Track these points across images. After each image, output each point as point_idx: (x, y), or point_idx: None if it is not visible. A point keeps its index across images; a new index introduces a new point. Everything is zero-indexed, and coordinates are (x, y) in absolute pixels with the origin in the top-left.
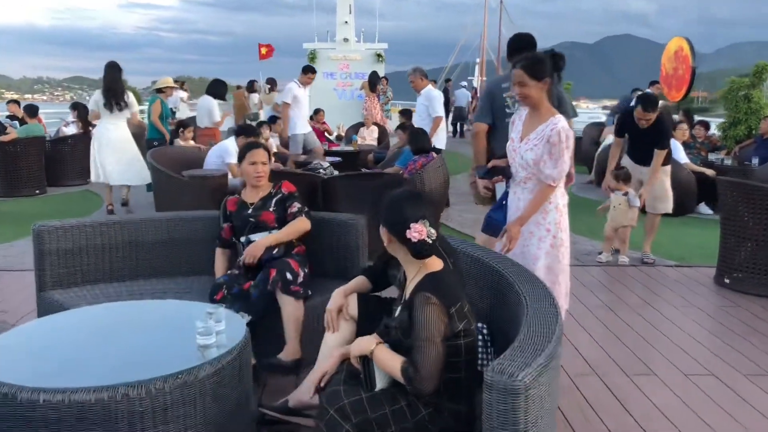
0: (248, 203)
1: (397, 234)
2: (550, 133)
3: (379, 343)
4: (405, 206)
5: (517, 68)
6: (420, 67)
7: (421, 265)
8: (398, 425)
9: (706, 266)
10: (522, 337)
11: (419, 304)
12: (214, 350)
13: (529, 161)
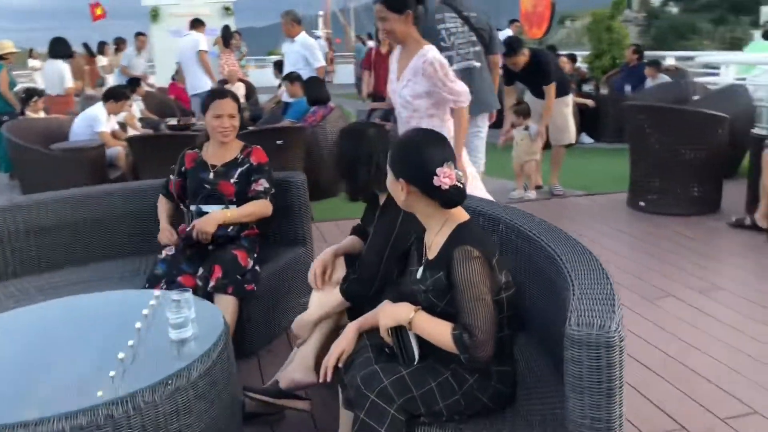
0: (209, 164)
1: (421, 184)
2: (423, 66)
3: (418, 309)
4: (426, 149)
5: (377, 3)
6: (293, 10)
7: (447, 216)
8: (446, 399)
9: (615, 192)
10: (580, 292)
11: (461, 259)
12: (193, 344)
13: (408, 98)
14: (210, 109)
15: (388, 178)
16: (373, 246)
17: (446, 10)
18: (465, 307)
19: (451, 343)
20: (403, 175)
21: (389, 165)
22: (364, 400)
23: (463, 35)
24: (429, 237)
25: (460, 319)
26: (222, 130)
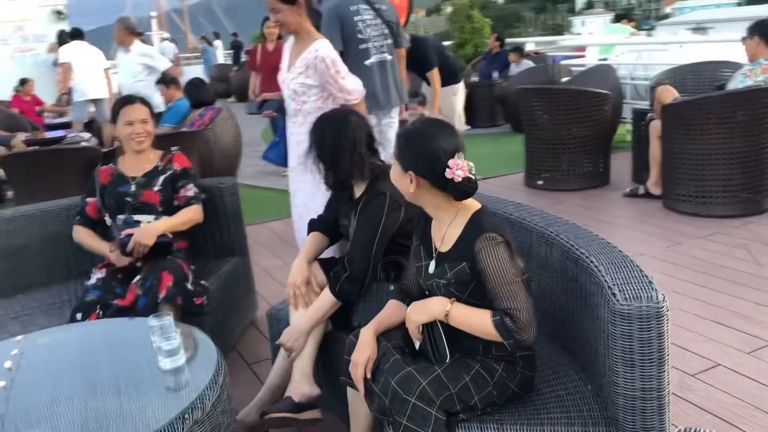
0: (128, 177)
1: (432, 176)
2: (314, 62)
3: (452, 300)
4: (436, 140)
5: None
6: (127, 18)
7: (459, 207)
8: (480, 392)
9: (509, 174)
10: (606, 271)
11: (487, 247)
12: (187, 373)
13: (297, 90)
14: (120, 117)
15: (393, 170)
16: (361, 241)
17: (359, 2)
18: (500, 293)
19: (493, 330)
20: (412, 168)
21: (395, 157)
22: (404, 405)
23: (376, 28)
24: (439, 229)
25: (498, 306)
26: (136, 137)
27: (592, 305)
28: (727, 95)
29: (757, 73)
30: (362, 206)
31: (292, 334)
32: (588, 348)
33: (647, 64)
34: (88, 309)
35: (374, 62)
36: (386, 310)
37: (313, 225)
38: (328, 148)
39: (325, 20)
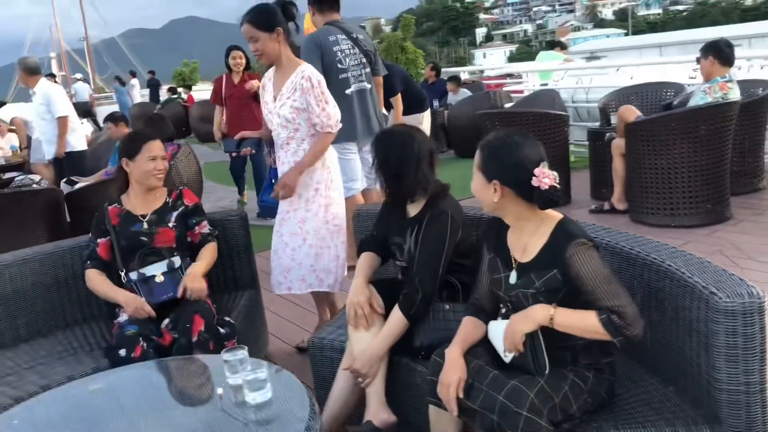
0: (137, 215)
1: (517, 185)
2: (301, 82)
3: (555, 305)
4: (521, 149)
5: (244, 24)
6: (27, 59)
7: (543, 216)
8: (578, 400)
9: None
10: (687, 268)
11: (581, 251)
12: (274, 407)
13: (288, 116)
14: (142, 151)
15: (475, 181)
16: (428, 260)
17: (337, 32)
18: (602, 294)
19: (601, 328)
20: (498, 177)
21: (477, 168)
22: (517, 419)
23: (355, 57)
24: (518, 240)
25: (602, 304)
26: (158, 173)
27: (675, 308)
28: (690, 111)
29: (715, 90)
30: (426, 224)
31: (366, 360)
32: (666, 351)
33: (589, 87)
34: (131, 343)
35: (354, 91)
36: (465, 328)
37: (364, 244)
38: (393, 163)
39: (304, 49)
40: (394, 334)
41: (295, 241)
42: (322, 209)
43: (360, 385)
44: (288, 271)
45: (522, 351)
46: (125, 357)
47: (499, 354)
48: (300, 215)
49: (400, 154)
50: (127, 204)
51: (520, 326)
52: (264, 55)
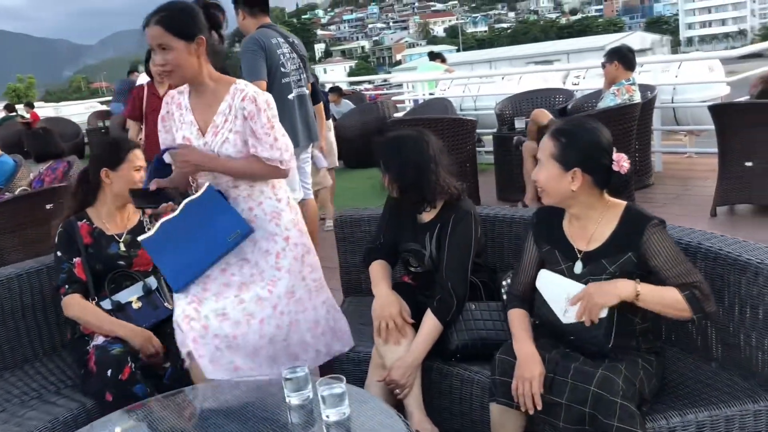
0: (112, 235)
1: (599, 170)
2: (242, 105)
3: (638, 280)
4: (601, 134)
5: (151, 25)
6: None
7: (607, 204)
8: (650, 384)
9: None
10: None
11: (658, 233)
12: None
13: (235, 155)
14: (127, 161)
15: (547, 172)
16: (458, 263)
17: (276, 35)
18: (679, 272)
19: (685, 304)
20: (579, 164)
21: (552, 157)
22: (612, 407)
23: (293, 61)
24: (583, 229)
25: (681, 281)
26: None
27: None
28: (603, 112)
29: (623, 92)
30: (453, 227)
31: (405, 369)
32: (703, 328)
33: (477, 96)
34: (119, 363)
35: (295, 96)
36: (523, 322)
37: (373, 252)
38: (412, 169)
39: (247, 50)
40: (430, 340)
41: (264, 310)
42: (297, 263)
43: (398, 396)
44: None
45: (596, 323)
46: (111, 377)
47: (552, 308)
48: (269, 274)
49: (419, 161)
50: (97, 221)
51: (604, 299)
52: (175, 71)
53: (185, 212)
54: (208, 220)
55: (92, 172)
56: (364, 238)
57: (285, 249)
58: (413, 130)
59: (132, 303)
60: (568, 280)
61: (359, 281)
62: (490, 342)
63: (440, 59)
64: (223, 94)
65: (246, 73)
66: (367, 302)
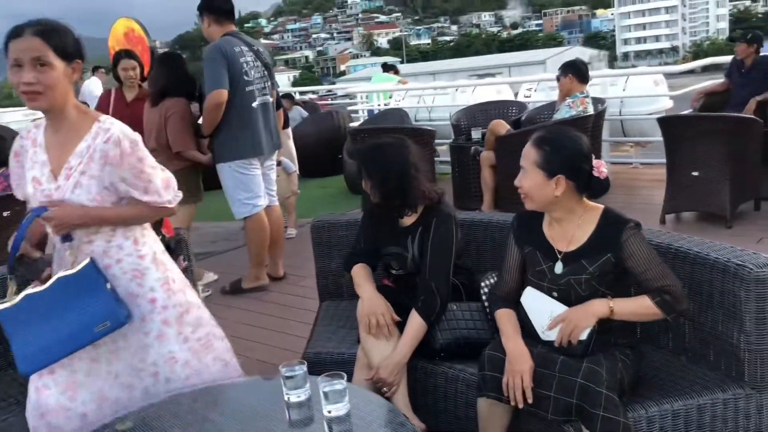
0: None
1: (579, 176)
2: (104, 147)
3: (611, 298)
4: (580, 142)
5: (26, 35)
6: None
7: (585, 207)
8: (629, 376)
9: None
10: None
11: (635, 235)
12: (356, 421)
13: (88, 203)
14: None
15: (531, 179)
16: (440, 265)
17: (240, 43)
18: (654, 274)
19: (656, 310)
20: (563, 171)
21: (536, 165)
22: (598, 397)
23: (258, 69)
24: (562, 231)
25: (652, 286)
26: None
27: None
28: (559, 124)
29: (577, 104)
30: (435, 230)
31: (392, 368)
32: (674, 325)
33: (432, 107)
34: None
35: (259, 104)
36: (510, 320)
37: (354, 257)
38: (395, 177)
39: (209, 59)
40: (416, 338)
41: (143, 380)
42: (171, 326)
43: (386, 394)
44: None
45: (575, 345)
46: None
47: (534, 326)
48: (136, 342)
49: (401, 167)
50: None
51: (583, 323)
52: (45, 94)
53: (54, 288)
54: (78, 302)
55: None
56: (341, 243)
57: (152, 312)
58: (392, 137)
59: None
60: (552, 301)
61: (336, 285)
62: (472, 341)
63: (394, 71)
64: (84, 131)
65: (207, 81)
66: (344, 306)
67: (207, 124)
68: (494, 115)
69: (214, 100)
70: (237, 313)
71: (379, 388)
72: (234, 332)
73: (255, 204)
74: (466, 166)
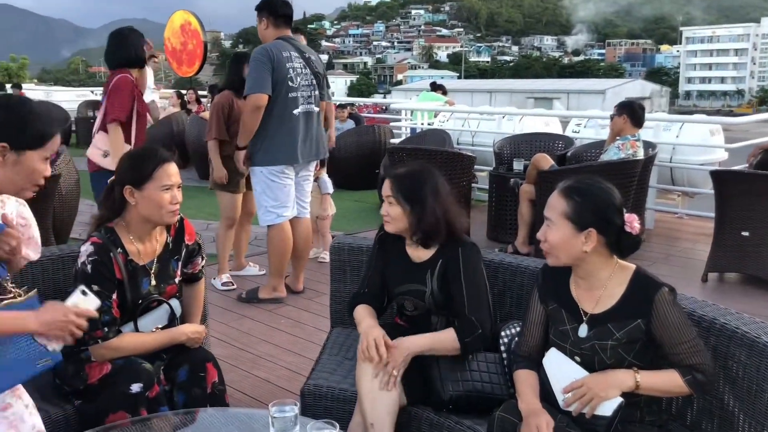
0: (143, 266)
1: (610, 231)
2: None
3: (636, 370)
4: (614, 193)
5: None
6: None
7: (615, 265)
8: None
9: (368, 230)
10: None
11: (669, 302)
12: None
13: None
14: (155, 178)
15: (558, 232)
16: (480, 297)
17: (291, 49)
18: (686, 349)
19: (686, 389)
20: (594, 225)
21: (566, 217)
22: None
23: (305, 77)
24: (588, 291)
25: (684, 362)
26: (173, 208)
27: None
28: (606, 165)
29: (627, 147)
30: (463, 261)
31: (403, 349)
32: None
33: (476, 131)
34: (149, 379)
35: (301, 112)
36: (529, 383)
37: (359, 298)
38: (427, 204)
39: (255, 60)
40: (439, 342)
41: None
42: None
43: (387, 370)
44: None
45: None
46: (136, 395)
47: (554, 390)
48: None
49: (434, 196)
50: (127, 243)
51: (604, 393)
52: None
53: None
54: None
55: (117, 189)
56: (360, 268)
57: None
58: (422, 164)
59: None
60: (577, 367)
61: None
62: (485, 396)
63: (441, 90)
64: None
65: (249, 83)
66: (355, 336)
67: (245, 129)
68: (539, 148)
69: (252, 103)
70: (248, 324)
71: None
72: (243, 344)
73: (280, 214)
74: (504, 196)
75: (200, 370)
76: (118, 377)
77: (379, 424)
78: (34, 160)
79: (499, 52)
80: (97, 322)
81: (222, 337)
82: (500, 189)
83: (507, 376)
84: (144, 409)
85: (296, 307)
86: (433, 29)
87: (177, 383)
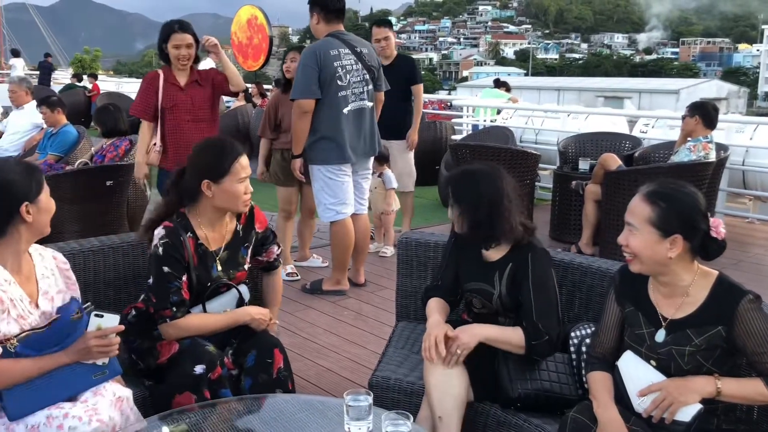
0: (212, 252)
1: (696, 236)
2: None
3: (717, 376)
4: (698, 198)
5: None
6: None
7: (696, 271)
8: None
9: (438, 224)
10: None
11: (754, 309)
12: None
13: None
14: (232, 172)
15: (642, 238)
16: (550, 304)
17: (340, 46)
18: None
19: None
20: (680, 231)
21: (650, 223)
22: None
23: (357, 73)
24: (669, 296)
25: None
26: (247, 198)
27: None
28: (676, 167)
29: (699, 149)
30: (532, 266)
31: (471, 333)
32: None
33: (540, 129)
34: (212, 361)
35: (351, 110)
36: (605, 386)
37: (432, 291)
38: (485, 203)
39: (302, 64)
40: (505, 336)
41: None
42: None
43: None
44: None
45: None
46: (199, 376)
47: (629, 394)
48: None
49: (493, 194)
50: (197, 230)
51: (683, 399)
52: None
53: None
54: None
55: (190, 181)
56: (426, 264)
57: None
58: (485, 164)
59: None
60: (654, 371)
61: (415, 307)
62: (554, 395)
63: (505, 87)
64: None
65: (295, 87)
66: (420, 330)
67: (296, 135)
68: (605, 147)
69: (299, 109)
70: (313, 314)
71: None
72: (308, 334)
73: (339, 211)
74: (568, 195)
75: (268, 356)
76: (183, 358)
77: (447, 418)
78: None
79: (568, 49)
80: (166, 301)
81: (288, 327)
82: (564, 188)
83: (576, 377)
84: (206, 389)
85: (359, 300)
86: (501, 26)
87: (245, 368)
